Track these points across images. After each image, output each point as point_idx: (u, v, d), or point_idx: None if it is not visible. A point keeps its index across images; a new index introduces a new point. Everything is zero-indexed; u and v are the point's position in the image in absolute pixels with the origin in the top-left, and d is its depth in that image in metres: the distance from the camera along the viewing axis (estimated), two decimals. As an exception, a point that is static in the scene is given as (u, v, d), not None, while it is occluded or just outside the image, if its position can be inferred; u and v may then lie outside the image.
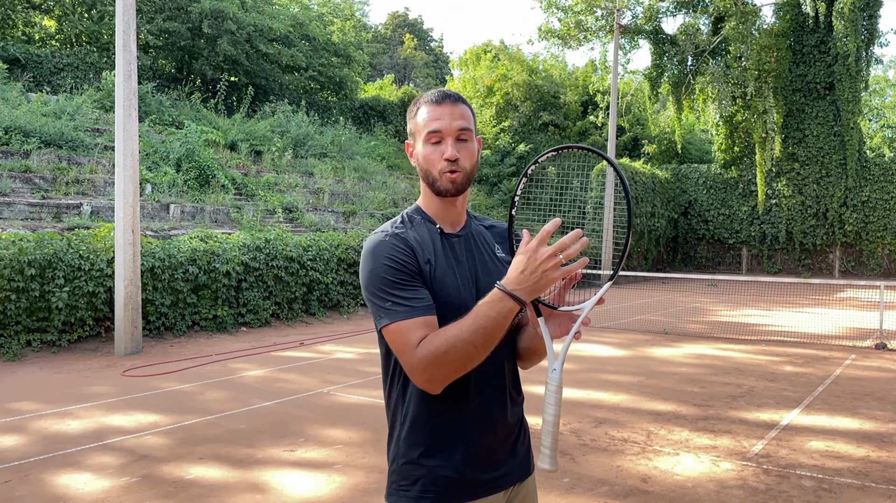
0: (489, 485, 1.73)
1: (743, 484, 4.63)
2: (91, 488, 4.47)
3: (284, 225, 15.31)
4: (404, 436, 1.71)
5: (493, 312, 1.50)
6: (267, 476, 4.72)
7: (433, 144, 1.71)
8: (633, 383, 7.80)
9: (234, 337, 10.69)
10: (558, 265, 1.47)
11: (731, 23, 23.17)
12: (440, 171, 1.70)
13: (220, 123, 19.78)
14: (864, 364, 9.17)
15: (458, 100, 1.74)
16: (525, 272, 1.49)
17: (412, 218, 1.79)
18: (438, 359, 1.54)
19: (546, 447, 1.58)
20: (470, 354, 1.53)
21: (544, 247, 1.48)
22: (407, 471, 1.70)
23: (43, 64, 19.78)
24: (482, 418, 1.71)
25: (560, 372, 1.60)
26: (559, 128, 31.22)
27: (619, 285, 21.83)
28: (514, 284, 1.50)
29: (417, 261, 1.68)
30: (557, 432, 1.59)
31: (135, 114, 9.21)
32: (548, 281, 1.48)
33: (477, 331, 1.51)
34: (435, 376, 1.57)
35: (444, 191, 1.72)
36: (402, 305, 1.61)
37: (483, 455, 1.71)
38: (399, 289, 1.63)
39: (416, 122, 1.75)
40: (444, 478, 1.68)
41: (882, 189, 24.36)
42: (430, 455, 1.68)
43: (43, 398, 6.86)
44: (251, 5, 24.33)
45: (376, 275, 1.65)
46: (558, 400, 1.59)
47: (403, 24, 53.33)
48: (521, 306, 1.50)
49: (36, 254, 8.80)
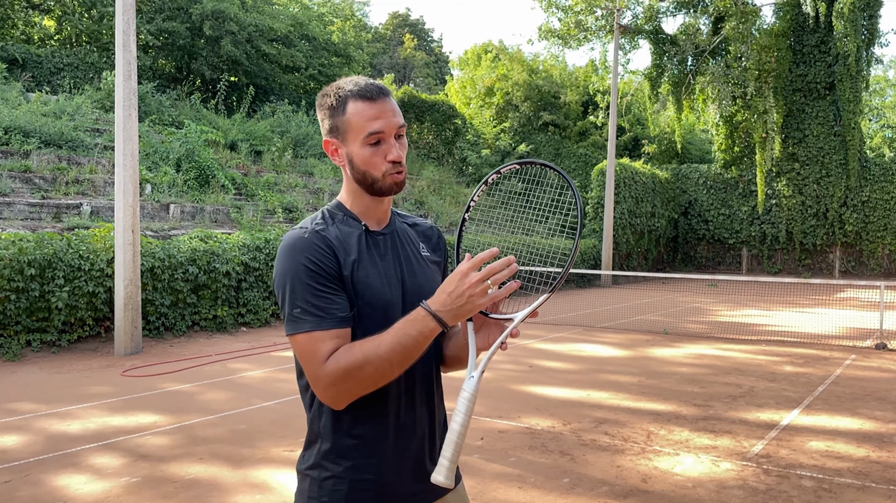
0: (418, 497, 1.65)
1: (743, 484, 4.63)
2: (91, 488, 4.47)
3: (284, 225, 15.30)
4: (326, 450, 1.61)
5: (415, 331, 1.46)
6: (267, 476, 4.72)
7: (373, 146, 1.59)
8: (633, 383, 7.80)
9: (234, 337, 10.69)
10: (485, 291, 1.44)
11: (731, 23, 23.18)
12: (384, 172, 1.60)
13: (220, 123, 19.78)
14: (865, 364, 9.17)
15: (388, 93, 1.63)
16: (452, 294, 1.45)
17: (333, 214, 1.67)
18: (350, 374, 1.47)
19: (446, 458, 1.47)
20: (385, 371, 1.48)
21: (475, 272, 1.44)
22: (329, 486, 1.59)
23: (43, 64, 19.79)
24: (406, 427, 1.63)
25: (478, 380, 1.52)
26: (559, 128, 31.22)
27: (619, 285, 21.83)
28: (439, 305, 1.45)
29: (338, 262, 1.57)
30: (461, 444, 1.49)
31: (135, 114, 9.21)
32: (473, 306, 1.44)
33: (395, 349, 1.46)
34: (343, 391, 1.49)
35: (386, 191, 1.62)
36: (313, 314, 1.51)
37: (408, 465, 1.63)
38: (313, 296, 1.52)
39: (347, 120, 1.60)
40: (368, 490, 1.59)
41: (882, 189, 24.36)
42: (355, 466, 1.59)
43: (43, 398, 6.86)
44: (251, 5, 24.33)
45: (291, 276, 1.53)
46: (470, 409, 1.49)
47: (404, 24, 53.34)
48: (442, 328, 1.46)
49: (36, 254, 8.80)
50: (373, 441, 1.60)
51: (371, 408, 1.59)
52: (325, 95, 1.64)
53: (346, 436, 1.59)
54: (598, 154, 29.33)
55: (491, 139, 29.45)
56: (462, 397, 1.51)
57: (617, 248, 23.42)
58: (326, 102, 1.63)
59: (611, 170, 22.38)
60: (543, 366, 8.71)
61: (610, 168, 22.39)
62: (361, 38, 32.89)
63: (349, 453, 1.59)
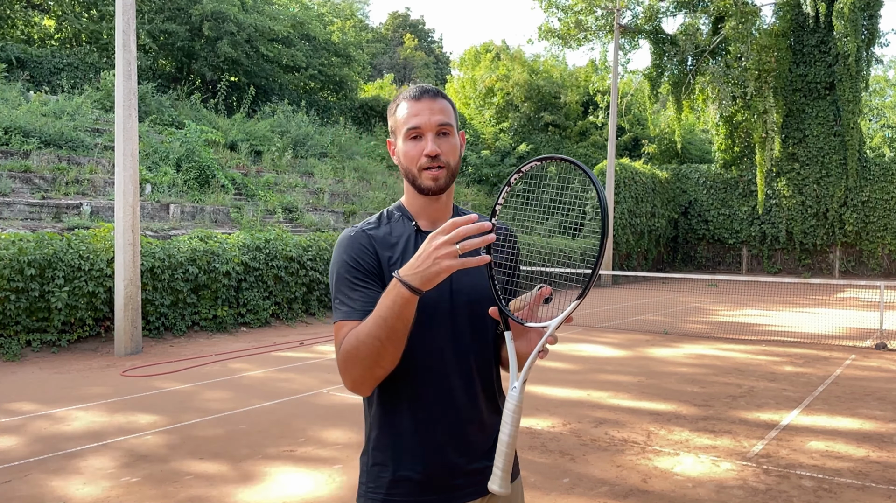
0: (463, 491, 1.69)
1: (743, 484, 4.63)
2: (91, 488, 4.47)
3: (284, 225, 15.31)
4: (374, 438, 1.71)
5: (389, 301, 1.47)
6: (267, 476, 4.72)
7: (412, 140, 1.68)
8: (633, 383, 7.80)
9: (233, 337, 10.69)
10: (454, 254, 1.41)
11: (731, 23, 23.18)
12: (420, 167, 1.67)
13: (220, 123, 19.78)
14: (865, 364, 9.17)
15: (438, 94, 1.71)
16: (419, 258, 1.44)
17: (391, 214, 1.77)
18: (351, 357, 1.53)
19: (498, 468, 1.52)
20: (377, 348, 1.50)
21: (444, 235, 1.42)
22: (375, 472, 1.69)
23: (42, 64, 19.77)
24: (453, 422, 1.68)
25: (520, 391, 1.54)
26: (560, 128, 31.22)
27: (619, 285, 21.83)
28: (406, 270, 1.45)
29: (378, 259, 1.66)
30: (512, 453, 1.53)
31: (135, 114, 9.21)
32: (439, 268, 1.41)
33: (377, 323, 1.48)
34: (353, 375, 1.56)
35: (425, 188, 1.69)
36: (346, 305, 1.62)
37: (453, 460, 1.67)
38: (347, 288, 1.63)
39: (396, 118, 1.72)
40: (410, 481, 1.66)
41: (882, 189, 24.36)
42: (398, 457, 1.67)
43: (43, 398, 6.86)
44: (251, 6, 24.32)
45: (334, 271, 1.68)
46: (516, 420, 1.52)
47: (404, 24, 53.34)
48: (414, 294, 1.44)
49: (36, 254, 8.80)
50: (415, 434, 1.67)
51: (412, 403, 1.67)
52: (392, 101, 1.78)
53: (390, 428, 1.68)
54: (598, 154, 29.33)
55: (490, 139, 29.44)
56: (507, 408, 1.53)
57: (617, 248, 23.42)
58: (391, 108, 1.77)
59: (611, 170, 22.38)
60: (543, 366, 8.70)
61: (610, 168, 22.40)
62: (361, 38, 32.87)
63: (393, 444, 1.68)
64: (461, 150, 1.75)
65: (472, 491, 1.69)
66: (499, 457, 1.53)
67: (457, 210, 1.83)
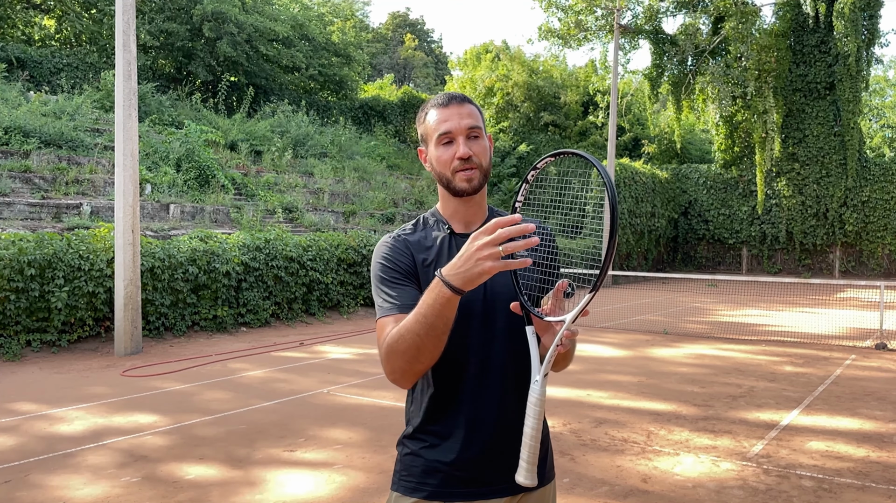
0: (495, 488, 1.72)
1: (743, 484, 4.63)
2: (91, 488, 4.47)
3: (284, 225, 15.30)
4: (411, 429, 1.77)
5: (430, 299, 1.49)
6: (267, 476, 4.72)
7: (444, 145, 1.73)
8: (633, 383, 7.80)
9: (234, 337, 10.69)
10: (496, 256, 1.40)
11: (731, 23, 23.17)
12: (453, 170, 1.71)
13: (220, 123, 19.78)
14: (865, 364, 9.16)
15: (465, 100, 1.76)
16: (461, 258, 1.45)
17: (426, 220, 1.84)
18: (392, 350, 1.58)
19: (524, 460, 1.56)
20: (417, 343, 1.53)
21: (486, 236, 1.42)
22: (408, 461, 1.75)
23: (42, 64, 19.77)
24: (485, 418, 1.71)
25: (542, 384, 1.56)
26: (560, 128, 31.22)
27: (619, 285, 21.83)
28: (448, 270, 1.46)
29: (414, 261, 1.73)
30: (536, 446, 1.56)
31: (135, 114, 9.21)
32: (482, 269, 1.41)
33: (418, 320, 1.51)
34: (393, 368, 1.60)
35: (460, 190, 1.73)
36: (387, 302, 1.68)
37: (482, 456, 1.71)
38: (387, 286, 1.70)
39: (427, 126, 1.77)
40: (441, 472, 1.70)
41: (882, 189, 24.35)
42: (431, 448, 1.72)
43: (43, 398, 6.86)
44: (252, 6, 24.32)
45: (373, 273, 1.75)
46: (539, 412, 1.55)
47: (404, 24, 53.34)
48: (456, 294, 1.45)
49: (36, 254, 8.80)
50: (448, 429, 1.72)
51: (447, 398, 1.72)
52: (420, 110, 1.83)
53: (426, 421, 1.74)
54: (598, 154, 29.33)
55: (490, 139, 29.42)
56: (530, 401, 1.56)
57: (617, 248, 23.43)
58: (420, 117, 1.82)
59: (611, 170, 22.38)
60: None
61: (610, 168, 22.39)
62: (361, 38, 32.85)
63: (426, 436, 1.74)
64: (490, 151, 1.78)
65: (504, 487, 1.72)
66: (524, 450, 1.56)
67: (492, 212, 1.85)
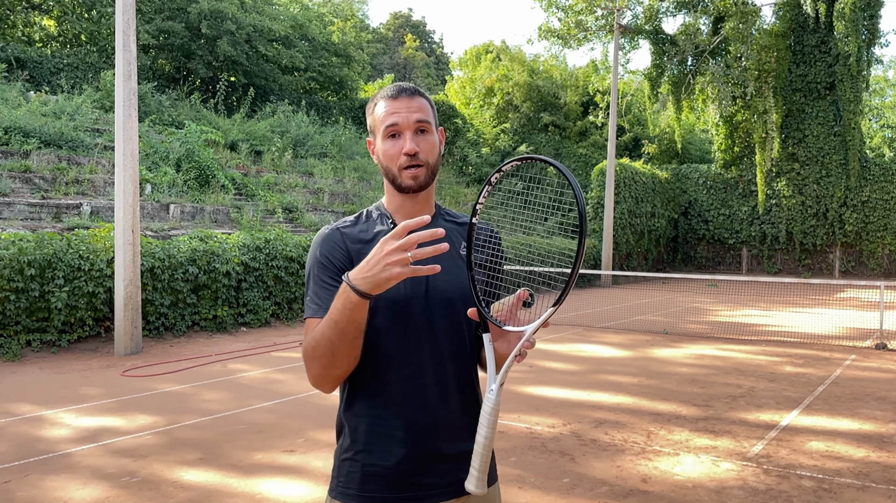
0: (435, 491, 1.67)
1: (743, 484, 4.62)
2: (90, 488, 4.47)
3: (284, 225, 15.30)
4: (346, 433, 1.70)
5: (340, 304, 1.46)
6: (266, 477, 4.72)
7: (391, 139, 1.67)
8: (634, 383, 7.80)
9: (233, 337, 10.69)
10: (405, 262, 1.37)
11: (731, 23, 23.17)
12: (399, 166, 1.66)
13: (220, 123, 19.77)
14: (865, 364, 9.16)
15: (415, 92, 1.70)
16: (369, 262, 1.41)
17: (370, 214, 1.77)
18: (309, 356, 1.55)
19: (475, 468, 1.52)
20: (331, 349, 1.51)
21: (395, 240, 1.38)
22: (346, 468, 1.68)
23: (42, 64, 19.78)
24: (426, 419, 1.66)
25: (497, 393, 1.52)
26: (559, 128, 31.22)
27: (619, 285, 21.82)
28: (356, 274, 1.43)
29: (349, 254, 1.67)
30: (488, 455, 1.53)
31: (135, 114, 9.21)
32: (389, 275, 1.38)
33: (330, 325, 1.49)
34: (313, 374, 1.58)
35: (405, 187, 1.68)
36: (314, 303, 1.64)
37: (424, 458, 1.66)
38: (317, 286, 1.65)
39: (375, 117, 1.72)
40: (380, 477, 1.65)
41: (882, 189, 24.36)
42: (369, 453, 1.66)
43: (42, 398, 6.85)
44: (251, 6, 24.32)
45: (309, 267, 1.70)
46: (492, 422, 1.51)
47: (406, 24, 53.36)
48: (363, 298, 1.43)
49: (36, 254, 8.80)
50: (387, 430, 1.66)
51: (384, 399, 1.66)
52: (370, 100, 1.76)
53: (359, 424, 1.68)
54: (598, 154, 29.33)
55: (491, 139, 29.44)
56: (484, 410, 1.52)
57: (617, 248, 23.41)
58: (369, 107, 1.76)
59: (611, 170, 22.37)
60: (543, 367, 8.70)
61: (610, 168, 22.39)
62: (361, 39, 32.87)
63: (361, 440, 1.67)
64: (441, 147, 1.74)
65: (445, 491, 1.67)
66: (475, 458, 1.52)
67: (438, 209, 1.81)
